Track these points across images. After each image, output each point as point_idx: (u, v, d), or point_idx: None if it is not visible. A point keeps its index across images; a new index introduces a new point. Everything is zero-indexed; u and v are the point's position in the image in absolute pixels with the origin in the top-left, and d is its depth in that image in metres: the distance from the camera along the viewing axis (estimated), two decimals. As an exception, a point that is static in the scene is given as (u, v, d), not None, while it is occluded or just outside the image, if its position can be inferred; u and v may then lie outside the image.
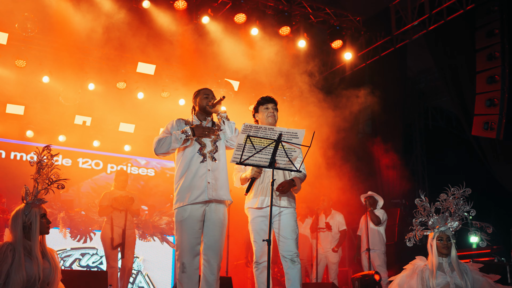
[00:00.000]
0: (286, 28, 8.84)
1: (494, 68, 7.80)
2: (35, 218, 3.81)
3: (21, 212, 3.81)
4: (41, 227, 3.84)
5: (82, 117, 10.65)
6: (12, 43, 8.84)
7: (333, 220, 9.03)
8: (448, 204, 4.60)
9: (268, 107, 4.97)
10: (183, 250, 4.46)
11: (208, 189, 4.53)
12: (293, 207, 4.88)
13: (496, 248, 7.61)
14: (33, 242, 3.75)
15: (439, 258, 4.56)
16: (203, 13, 8.34)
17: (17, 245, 3.69)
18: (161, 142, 4.61)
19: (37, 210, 3.85)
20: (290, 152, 4.19)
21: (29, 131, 10.42)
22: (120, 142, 11.45)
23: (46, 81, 9.40)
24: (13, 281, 3.55)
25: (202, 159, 4.60)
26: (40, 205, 3.91)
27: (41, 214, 3.87)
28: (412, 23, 8.93)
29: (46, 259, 3.84)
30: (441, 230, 4.58)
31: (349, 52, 9.62)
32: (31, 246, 3.74)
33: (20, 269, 3.59)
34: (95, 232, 9.96)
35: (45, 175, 3.93)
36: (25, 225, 3.78)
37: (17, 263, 3.60)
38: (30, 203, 3.86)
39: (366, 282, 6.88)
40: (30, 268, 3.65)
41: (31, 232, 3.77)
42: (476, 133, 8.00)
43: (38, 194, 3.89)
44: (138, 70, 9.76)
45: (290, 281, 4.68)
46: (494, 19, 7.89)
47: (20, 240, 3.72)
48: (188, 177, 4.56)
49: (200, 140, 4.66)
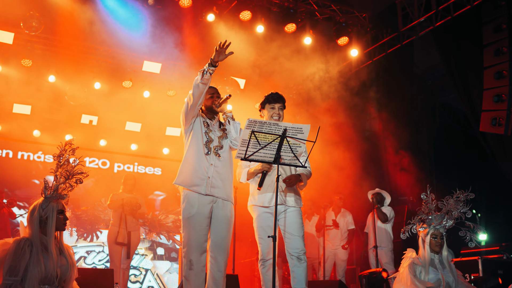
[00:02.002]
0: (291, 25, 8.81)
1: (502, 64, 7.72)
2: (52, 213, 3.74)
3: (39, 206, 3.75)
4: (57, 223, 3.77)
5: (89, 116, 10.71)
6: (18, 42, 8.88)
7: (342, 218, 9.01)
8: (450, 205, 4.62)
9: (274, 107, 4.93)
10: (191, 247, 4.44)
11: (207, 185, 4.53)
12: (300, 206, 4.85)
13: (504, 245, 7.56)
14: (49, 237, 3.69)
15: (431, 255, 4.63)
16: (208, 11, 8.32)
17: (34, 239, 3.63)
18: (191, 94, 4.55)
19: (54, 205, 3.79)
20: (295, 148, 4.15)
21: (36, 131, 10.46)
22: (126, 141, 11.47)
23: (52, 80, 9.43)
24: (31, 276, 3.49)
25: (207, 151, 4.60)
26: (59, 200, 3.84)
27: (58, 209, 3.80)
28: (418, 19, 8.86)
29: (63, 255, 3.78)
30: (436, 227, 4.61)
31: (355, 49, 9.57)
32: (47, 242, 3.67)
33: (38, 264, 3.53)
34: (102, 230, 9.98)
35: (66, 170, 3.86)
36: (41, 219, 3.72)
37: (35, 257, 3.54)
38: (49, 197, 3.79)
39: (374, 279, 6.84)
40: (47, 264, 3.59)
41: (47, 227, 3.70)
42: (484, 129, 7.93)
43: (58, 188, 3.83)
44: (144, 68, 9.76)
45: (295, 280, 4.64)
46: (501, 14, 7.81)
47: (37, 234, 3.66)
48: (192, 160, 4.58)
49: (209, 134, 4.66)
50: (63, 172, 3.86)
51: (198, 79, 4.46)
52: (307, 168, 4.66)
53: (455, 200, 4.62)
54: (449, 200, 4.65)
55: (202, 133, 4.65)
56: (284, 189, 4.77)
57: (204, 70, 4.45)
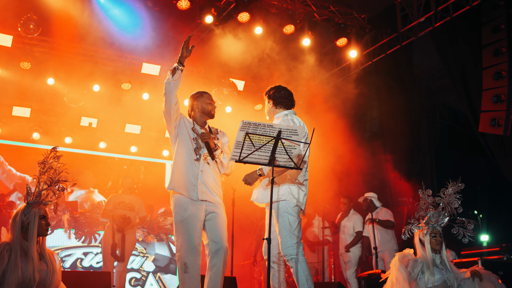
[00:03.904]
0: (290, 26, 8.79)
1: (501, 64, 7.70)
2: (34, 218, 3.78)
3: (21, 212, 3.80)
4: (39, 228, 3.81)
5: (88, 118, 10.69)
6: (17, 45, 8.87)
7: (350, 222, 8.99)
8: (448, 196, 4.57)
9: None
10: (185, 250, 4.44)
11: (199, 190, 4.57)
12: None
13: (505, 246, 7.52)
14: (30, 242, 3.72)
15: (432, 255, 4.52)
16: (207, 13, 8.30)
17: (14, 245, 3.67)
18: (163, 94, 4.69)
19: (36, 210, 3.82)
20: (290, 150, 4.14)
21: (35, 133, 10.47)
22: (126, 143, 11.48)
23: (51, 83, 9.43)
24: (8, 281, 3.53)
25: (197, 157, 4.65)
26: (41, 206, 3.87)
27: (40, 215, 3.83)
28: (418, 20, 8.83)
29: (43, 260, 3.81)
30: (434, 226, 4.55)
31: (354, 50, 9.53)
32: (28, 247, 3.71)
33: (15, 269, 3.57)
34: (100, 233, 9.99)
35: (48, 177, 3.91)
36: (23, 225, 3.76)
37: (13, 263, 3.58)
38: (31, 203, 3.84)
39: (372, 281, 6.82)
40: (25, 269, 3.62)
41: (28, 233, 3.74)
42: (483, 130, 7.90)
43: (40, 194, 3.86)
44: (143, 71, 9.75)
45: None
46: (500, 14, 7.78)
47: (18, 240, 3.70)
48: (182, 167, 4.64)
49: (197, 141, 4.72)
50: (47, 179, 3.88)
51: (170, 78, 4.57)
52: (302, 169, 4.59)
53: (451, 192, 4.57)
54: (445, 191, 4.60)
55: (191, 139, 4.71)
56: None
57: (175, 68, 4.56)
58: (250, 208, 9.43)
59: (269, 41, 9.00)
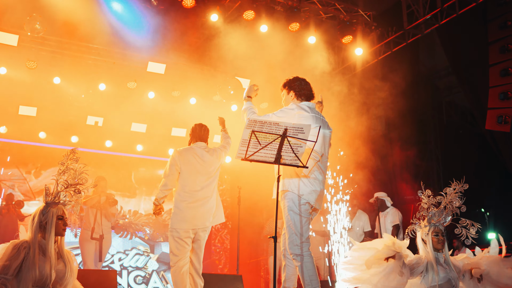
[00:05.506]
0: (295, 24, 8.76)
1: (508, 61, 7.67)
2: (51, 218, 3.86)
3: (40, 211, 3.89)
4: (56, 228, 3.88)
5: (94, 117, 10.69)
6: (23, 44, 8.88)
7: (358, 221, 8.97)
8: (449, 195, 4.55)
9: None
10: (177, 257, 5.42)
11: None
12: None
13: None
14: (48, 242, 3.81)
15: (435, 253, 4.51)
16: (212, 11, 8.29)
17: (33, 243, 3.76)
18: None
19: (54, 210, 3.91)
20: (296, 148, 4.12)
21: (41, 133, 10.49)
22: (132, 142, 11.48)
23: (57, 82, 9.44)
24: (25, 278, 3.62)
25: None
26: (59, 206, 3.96)
27: (58, 215, 3.91)
28: (424, 17, 8.79)
29: (61, 260, 3.89)
30: (436, 225, 4.53)
31: (360, 48, 9.50)
32: (46, 246, 3.80)
33: (33, 267, 3.65)
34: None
35: (67, 178, 4.00)
36: (41, 224, 3.85)
37: (31, 261, 3.67)
38: (49, 203, 3.93)
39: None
40: (43, 267, 3.71)
41: (46, 232, 3.83)
42: (489, 127, 7.87)
43: (58, 195, 3.96)
44: (149, 69, 9.74)
45: None
46: (506, 11, 7.76)
47: (36, 238, 3.79)
48: None
49: None
50: (64, 181, 3.99)
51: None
52: (307, 167, 4.40)
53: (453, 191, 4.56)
54: (447, 190, 4.59)
55: None
56: None
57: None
58: (258, 206, 9.45)
59: (274, 39, 8.97)
